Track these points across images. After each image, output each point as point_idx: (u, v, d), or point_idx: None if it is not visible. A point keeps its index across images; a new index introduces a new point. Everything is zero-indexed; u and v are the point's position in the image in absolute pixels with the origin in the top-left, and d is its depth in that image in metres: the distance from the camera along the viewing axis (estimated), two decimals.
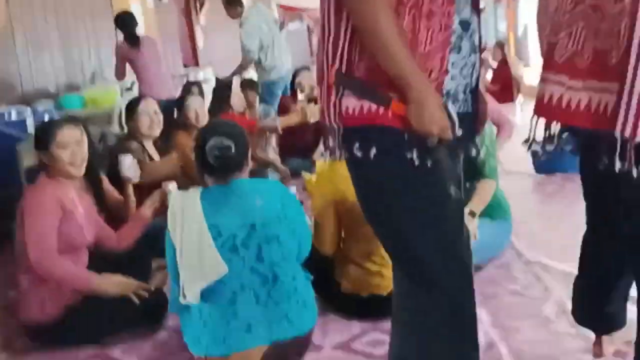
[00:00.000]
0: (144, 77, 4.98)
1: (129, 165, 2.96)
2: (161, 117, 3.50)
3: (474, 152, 1.58)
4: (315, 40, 10.25)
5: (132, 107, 3.48)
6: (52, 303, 2.35)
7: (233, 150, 2.10)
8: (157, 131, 3.49)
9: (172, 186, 2.90)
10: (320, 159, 4.70)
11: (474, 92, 1.49)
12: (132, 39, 4.98)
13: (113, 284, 2.37)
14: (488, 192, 2.77)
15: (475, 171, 2.81)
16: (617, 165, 1.28)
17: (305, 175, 4.48)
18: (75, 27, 5.66)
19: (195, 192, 2.13)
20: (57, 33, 5.45)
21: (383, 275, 2.34)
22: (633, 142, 1.25)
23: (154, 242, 2.87)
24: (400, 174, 1.39)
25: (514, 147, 4.04)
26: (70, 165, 2.46)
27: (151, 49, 5.11)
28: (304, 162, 5.21)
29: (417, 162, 1.35)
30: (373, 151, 1.38)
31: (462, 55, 1.41)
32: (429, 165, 1.35)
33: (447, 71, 1.38)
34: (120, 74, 5.07)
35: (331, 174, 2.41)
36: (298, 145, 5.36)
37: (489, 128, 2.91)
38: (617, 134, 1.26)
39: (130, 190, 3.04)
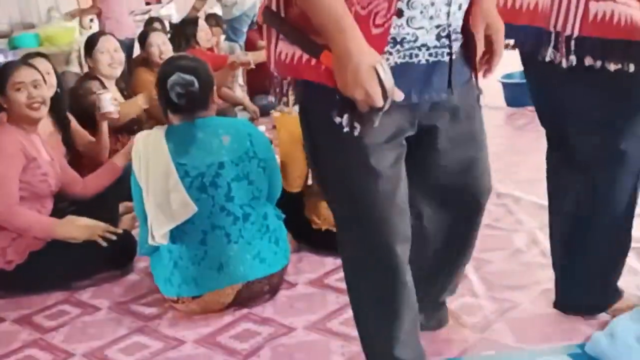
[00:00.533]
0: (109, 12, 4.76)
1: (109, 101, 2.89)
2: (122, 55, 3.38)
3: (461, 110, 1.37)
4: None
5: (91, 45, 3.35)
6: (15, 250, 2.28)
7: (196, 85, 2.02)
8: (118, 70, 3.38)
9: (103, 96, 2.90)
10: (291, 96, 4.63)
11: (455, 33, 1.27)
12: None
13: (78, 228, 2.30)
14: None
15: None
16: (549, 55, 1.46)
17: (274, 113, 4.39)
18: None
19: (160, 131, 2.07)
20: None
21: None
22: (563, 36, 1.43)
23: (121, 185, 2.81)
24: (328, 137, 1.26)
25: (486, 80, 4.00)
26: (28, 108, 2.35)
27: None
28: (271, 101, 5.11)
29: (345, 129, 1.18)
30: (303, 107, 1.30)
31: None
32: (355, 133, 1.18)
33: (398, 14, 1.16)
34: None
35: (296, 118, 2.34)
36: (265, 82, 5.23)
37: None
38: (551, 28, 1.44)
39: (106, 128, 2.97)
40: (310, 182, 2.48)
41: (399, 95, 1.13)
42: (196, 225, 2.00)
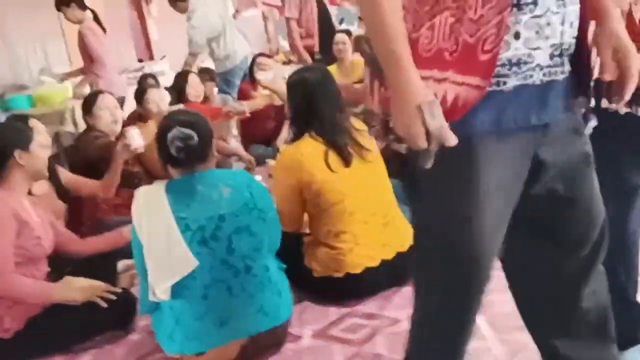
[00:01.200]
0: (101, 71, 4.79)
1: (136, 135, 2.92)
2: (121, 112, 3.41)
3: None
4: (270, 27, 10.09)
5: (89, 103, 3.38)
6: (13, 318, 2.22)
7: (195, 139, 2.02)
8: (118, 127, 3.39)
9: (133, 131, 2.91)
10: (284, 145, 4.65)
11: (567, 51, 1.21)
12: (95, 16, 4.75)
13: (76, 290, 2.26)
14: None
15: None
16: None
17: (270, 162, 4.40)
18: (17, 23, 5.41)
19: (160, 186, 2.06)
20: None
21: (355, 252, 2.31)
22: None
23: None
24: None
25: None
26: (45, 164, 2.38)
27: (116, 37, 4.95)
28: (266, 150, 5.13)
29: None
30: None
31: (542, 11, 1.14)
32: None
33: (515, 36, 1.14)
34: (87, 59, 4.74)
35: (295, 154, 2.34)
36: (259, 132, 5.29)
37: None
38: None
39: (121, 163, 2.97)
40: (307, 230, 2.47)
41: (451, 140, 1.09)
42: (197, 279, 1.97)
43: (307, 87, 2.38)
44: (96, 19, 4.82)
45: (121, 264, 2.80)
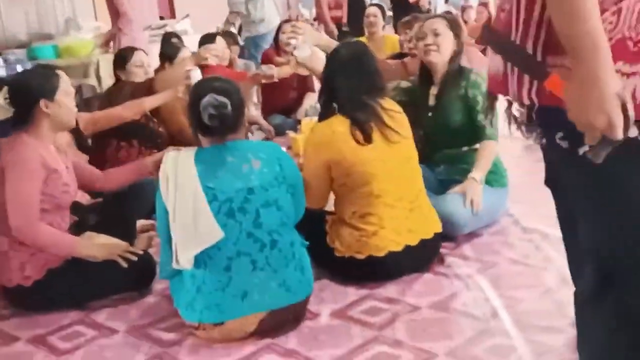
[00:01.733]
0: (125, 28, 4.75)
1: (198, 77, 2.96)
2: (152, 70, 3.40)
3: None
4: None
5: (123, 59, 3.41)
6: (34, 266, 2.23)
7: (229, 108, 1.98)
8: None
9: (195, 72, 2.97)
10: (305, 118, 4.59)
11: None
12: None
13: (99, 247, 2.26)
14: (491, 155, 2.70)
15: (474, 132, 2.73)
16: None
17: (291, 134, 4.37)
18: None
19: (189, 153, 2.03)
20: None
21: (380, 235, 2.27)
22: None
23: (140, 202, 2.78)
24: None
25: (500, 109, 3.97)
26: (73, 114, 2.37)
27: None
28: (286, 121, 5.09)
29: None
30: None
31: None
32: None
33: None
34: (114, 13, 4.76)
35: (327, 130, 2.30)
36: (280, 102, 5.24)
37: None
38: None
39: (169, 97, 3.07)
40: (332, 208, 2.45)
41: (633, 131, 1.02)
42: (222, 250, 1.95)
43: (339, 62, 2.34)
44: None
45: (139, 224, 2.80)
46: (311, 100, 5.25)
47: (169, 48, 4.04)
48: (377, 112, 2.31)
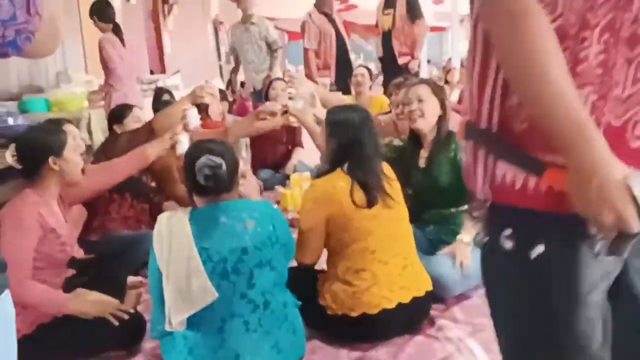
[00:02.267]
0: (118, 84, 4.84)
1: (195, 116, 3.00)
2: None
3: None
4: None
5: (122, 114, 3.47)
6: (23, 319, 2.19)
7: (224, 168, 2.02)
8: None
9: (183, 137, 2.91)
10: (295, 173, 4.64)
11: None
12: (116, 28, 4.84)
13: (91, 304, 2.23)
14: None
15: (463, 193, 2.77)
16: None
17: (280, 189, 4.41)
18: None
19: (184, 213, 2.04)
20: None
21: (373, 292, 2.28)
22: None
23: (130, 258, 2.77)
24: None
25: None
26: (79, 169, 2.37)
27: (133, 48, 5.04)
28: (275, 175, 5.14)
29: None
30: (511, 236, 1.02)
31: None
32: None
33: None
34: (105, 69, 4.84)
35: (328, 186, 2.33)
36: (269, 157, 5.31)
37: None
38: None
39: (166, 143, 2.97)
40: (325, 266, 2.46)
41: None
42: (215, 312, 1.95)
43: (353, 128, 2.36)
44: (117, 31, 4.87)
45: (128, 280, 2.78)
46: (300, 156, 5.33)
47: (161, 104, 4.10)
48: (381, 178, 2.36)
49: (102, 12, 4.83)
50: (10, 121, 3.96)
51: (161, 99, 4.54)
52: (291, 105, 3.01)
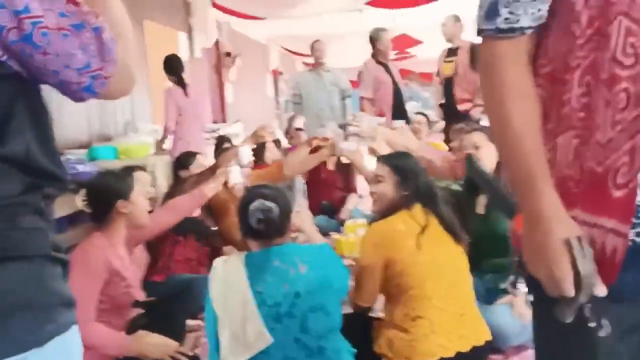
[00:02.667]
0: (182, 133, 5.07)
1: (238, 173, 3.16)
2: None
3: None
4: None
5: (188, 160, 3.70)
6: None
7: (276, 212, 2.06)
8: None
9: (234, 168, 2.98)
10: (349, 220, 4.65)
11: None
12: (182, 84, 5.12)
13: (151, 345, 2.28)
14: None
15: None
16: None
17: (334, 235, 4.42)
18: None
19: (238, 257, 2.08)
20: None
21: (431, 340, 2.24)
22: None
23: (188, 302, 2.83)
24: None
25: None
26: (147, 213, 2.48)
27: (198, 99, 5.30)
28: (329, 222, 5.16)
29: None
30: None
31: None
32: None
33: None
34: (170, 121, 5.10)
35: (388, 229, 2.34)
36: (324, 202, 5.36)
37: None
38: None
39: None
40: (382, 313, 2.43)
41: (601, 290, 0.87)
42: (269, 356, 1.96)
43: (422, 171, 2.45)
44: (181, 83, 5.12)
45: (188, 323, 2.84)
46: (354, 201, 5.36)
47: (222, 151, 4.25)
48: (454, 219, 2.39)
49: (171, 67, 5.20)
50: (80, 168, 4.15)
51: (222, 147, 4.70)
52: (344, 147, 3.05)
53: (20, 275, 0.91)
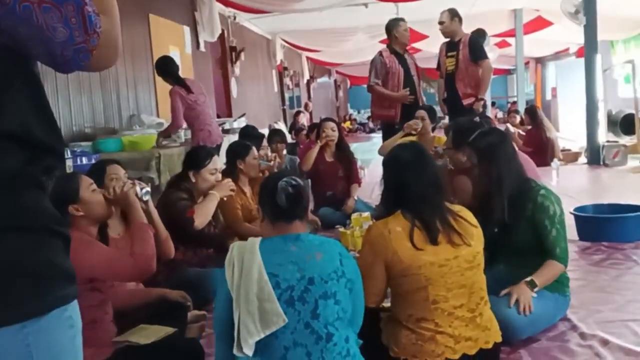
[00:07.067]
0: (201, 124, 5.15)
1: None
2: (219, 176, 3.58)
3: None
4: (340, 93, 10.42)
5: (199, 160, 3.49)
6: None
7: (304, 189, 2.08)
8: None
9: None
10: (355, 213, 4.63)
11: None
12: (180, 82, 5.11)
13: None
14: (554, 275, 2.68)
15: (540, 253, 2.73)
16: None
17: (340, 228, 4.41)
18: (115, 70, 5.71)
19: (254, 241, 2.08)
20: (98, 75, 5.44)
21: (437, 341, 2.21)
22: None
23: (193, 292, 2.82)
24: None
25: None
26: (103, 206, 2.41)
27: (200, 91, 5.29)
28: (334, 214, 5.17)
29: None
30: None
31: None
32: None
33: None
34: (180, 120, 5.12)
35: (384, 230, 2.29)
36: (328, 195, 5.37)
37: (560, 208, 2.77)
38: None
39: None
40: (388, 304, 2.41)
41: None
42: (279, 339, 1.96)
43: (402, 166, 2.34)
44: (183, 83, 5.14)
45: (191, 315, 2.83)
46: (357, 193, 5.39)
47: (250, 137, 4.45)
48: (444, 211, 2.30)
49: (164, 71, 5.20)
50: (85, 160, 4.15)
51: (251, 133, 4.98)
52: None
53: (23, 245, 0.93)
